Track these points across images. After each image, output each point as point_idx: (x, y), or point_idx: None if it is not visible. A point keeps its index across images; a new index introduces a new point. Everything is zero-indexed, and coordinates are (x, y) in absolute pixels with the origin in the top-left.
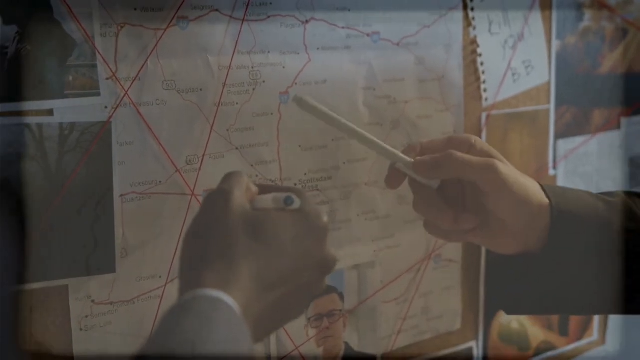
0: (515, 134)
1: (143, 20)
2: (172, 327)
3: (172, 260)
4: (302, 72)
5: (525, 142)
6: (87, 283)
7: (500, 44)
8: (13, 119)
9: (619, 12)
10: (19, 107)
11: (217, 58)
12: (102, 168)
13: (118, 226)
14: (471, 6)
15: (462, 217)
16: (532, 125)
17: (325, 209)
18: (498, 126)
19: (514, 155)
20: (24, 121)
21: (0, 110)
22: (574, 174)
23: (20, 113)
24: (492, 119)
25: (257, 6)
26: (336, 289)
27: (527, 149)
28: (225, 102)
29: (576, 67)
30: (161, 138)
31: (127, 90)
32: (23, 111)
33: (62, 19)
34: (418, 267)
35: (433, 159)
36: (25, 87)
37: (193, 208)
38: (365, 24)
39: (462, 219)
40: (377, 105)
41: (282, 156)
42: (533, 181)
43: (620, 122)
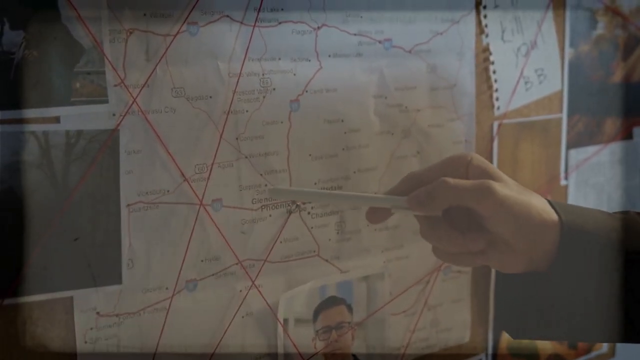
0: (527, 143)
1: (152, 25)
2: None
3: (179, 272)
4: (312, 80)
5: (536, 151)
6: (93, 294)
7: (513, 51)
8: (19, 126)
9: (632, 20)
10: (25, 114)
11: (227, 65)
12: (109, 177)
13: (125, 236)
14: (484, 13)
15: (469, 238)
16: (544, 134)
17: (334, 219)
18: (510, 135)
19: (525, 165)
20: (30, 128)
21: (6, 117)
22: (586, 185)
23: (26, 120)
24: (503, 128)
25: (268, 12)
26: (345, 301)
27: (539, 158)
28: (235, 109)
29: (589, 76)
30: (170, 146)
31: (135, 97)
32: (29, 118)
33: (69, 23)
34: (427, 278)
35: (426, 192)
36: (31, 93)
37: (201, 218)
38: (377, 31)
39: (469, 240)
40: (388, 113)
41: (292, 165)
42: (539, 197)
43: (632, 131)
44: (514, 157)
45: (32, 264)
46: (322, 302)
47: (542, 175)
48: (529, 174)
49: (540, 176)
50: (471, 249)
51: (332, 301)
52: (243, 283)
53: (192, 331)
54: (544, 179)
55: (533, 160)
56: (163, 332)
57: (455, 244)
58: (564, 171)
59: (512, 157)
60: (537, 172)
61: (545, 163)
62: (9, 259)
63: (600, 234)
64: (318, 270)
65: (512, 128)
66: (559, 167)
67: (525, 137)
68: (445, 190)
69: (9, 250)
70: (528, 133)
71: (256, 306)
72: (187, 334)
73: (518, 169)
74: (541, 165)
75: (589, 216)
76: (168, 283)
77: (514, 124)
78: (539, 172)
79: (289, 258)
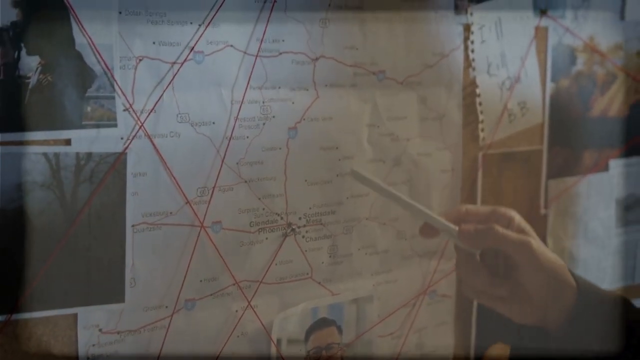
0: (510, 173)
1: (161, 53)
2: None
3: (180, 291)
4: (310, 108)
5: (518, 181)
6: (96, 312)
7: (498, 85)
8: (31, 148)
9: (610, 57)
10: (38, 136)
11: (230, 92)
12: (116, 198)
13: (128, 256)
14: (471, 48)
15: (496, 281)
16: (526, 165)
17: (328, 243)
18: (493, 165)
19: (507, 194)
20: (42, 150)
21: (20, 139)
22: (565, 214)
23: (38, 142)
24: (488, 158)
25: (270, 42)
26: (335, 323)
27: (521, 188)
28: (237, 135)
29: (569, 110)
30: (174, 170)
31: (142, 122)
32: (41, 140)
33: (83, 50)
34: (414, 302)
35: (477, 230)
36: (44, 116)
37: (201, 239)
38: (372, 63)
39: (496, 283)
40: (380, 142)
41: (289, 190)
42: (561, 261)
43: (609, 164)
44: (497, 186)
45: (39, 281)
46: (314, 323)
47: (524, 204)
48: (511, 203)
49: (522, 205)
50: (494, 292)
51: (323, 322)
52: (239, 303)
53: (189, 349)
54: (525, 207)
55: (515, 190)
56: (162, 350)
57: (483, 282)
58: (544, 201)
59: (496, 186)
60: (519, 201)
61: (526, 192)
62: (17, 276)
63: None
64: (311, 292)
65: (496, 158)
66: (540, 197)
67: (508, 167)
68: (494, 234)
69: (17, 267)
70: (511, 163)
71: (251, 326)
72: (185, 351)
73: (501, 198)
74: (523, 194)
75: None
76: (168, 302)
77: (498, 155)
78: (521, 201)
79: (283, 280)
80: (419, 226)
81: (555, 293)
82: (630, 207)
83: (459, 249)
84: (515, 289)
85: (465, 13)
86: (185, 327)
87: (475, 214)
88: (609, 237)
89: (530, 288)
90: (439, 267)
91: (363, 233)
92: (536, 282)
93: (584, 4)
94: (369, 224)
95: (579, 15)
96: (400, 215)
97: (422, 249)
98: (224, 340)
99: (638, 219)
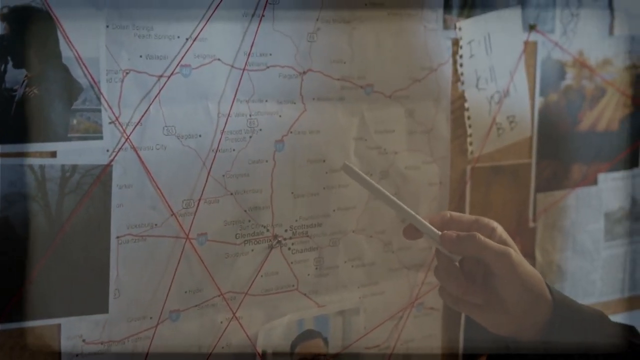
0: (498, 186)
1: (147, 67)
2: None
3: (164, 302)
4: (297, 121)
5: (507, 194)
6: (80, 322)
7: (487, 99)
8: (17, 160)
9: (598, 72)
10: (24, 149)
11: (217, 105)
12: (101, 210)
13: (113, 267)
14: (460, 62)
15: (473, 289)
16: (514, 178)
17: (314, 255)
18: (482, 179)
19: (496, 207)
20: (28, 162)
21: (6, 151)
22: (553, 227)
23: (24, 154)
24: (476, 172)
25: (257, 56)
26: (321, 334)
27: (509, 201)
28: (223, 148)
29: (557, 124)
30: (159, 182)
31: (129, 135)
32: (27, 152)
33: (69, 63)
34: (401, 314)
35: (459, 236)
36: (30, 129)
37: (187, 251)
38: (359, 77)
39: (473, 290)
40: (367, 155)
41: (275, 202)
42: (539, 275)
43: (597, 177)
44: (485, 199)
45: (23, 291)
46: (300, 335)
47: (512, 218)
48: (499, 216)
49: (510, 218)
50: (471, 299)
51: (309, 334)
52: (224, 314)
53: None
54: (514, 221)
55: (504, 203)
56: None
57: (460, 289)
58: (533, 214)
59: (484, 199)
60: (507, 214)
61: (515, 206)
62: (1, 286)
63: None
64: (296, 304)
65: (484, 172)
66: (528, 210)
67: (496, 180)
68: (475, 242)
69: (1, 277)
70: (499, 177)
71: (236, 337)
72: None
73: (489, 211)
74: (511, 207)
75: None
76: (152, 313)
77: (486, 168)
78: (509, 214)
79: (269, 291)
80: (403, 227)
81: (530, 305)
82: (619, 221)
83: (439, 254)
84: (492, 298)
85: (454, 28)
86: (170, 338)
87: (458, 221)
88: (597, 250)
89: (507, 298)
90: (426, 279)
91: (349, 245)
92: (512, 293)
93: (573, 19)
94: (355, 237)
95: (568, 30)
96: (387, 227)
97: (409, 261)
98: (208, 352)
99: (627, 232)
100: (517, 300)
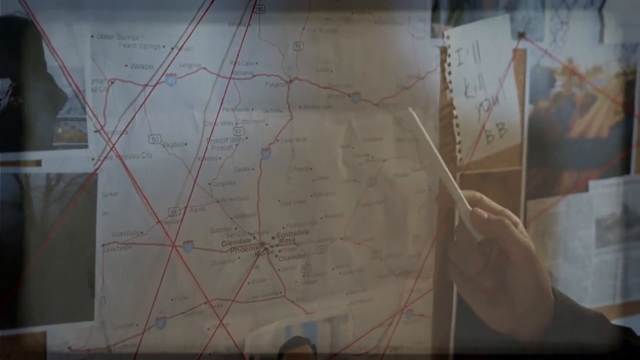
0: (488, 194)
1: (133, 76)
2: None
3: (150, 309)
4: (284, 129)
5: (497, 202)
6: (65, 330)
7: (476, 106)
8: (1, 169)
9: (588, 79)
10: (8, 157)
11: (202, 114)
12: (86, 218)
13: (98, 275)
14: (448, 70)
15: (486, 271)
16: (504, 185)
17: (301, 262)
18: (471, 186)
19: None
20: (13, 171)
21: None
22: (544, 234)
23: (9, 163)
24: (465, 179)
25: (243, 65)
26: (309, 341)
27: None
28: (209, 156)
29: (547, 131)
30: (145, 190)
31: (114, 143)
32: (12, 161)
33: (54, 73)
34: (390, 321)
35: (489, 218)
36: (15, 138)
37: (173, 259)
38: (346, 85)
39: (485, 273)
40: (355, 163)
41: (262, 210)
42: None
43: (588, 184)
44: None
45: (9, 299)
46: (287, 342)
47: None
48: None
49: None
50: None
51: (297, 341)
52: (211, 322)
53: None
54: None
55: None
56: None
57: (475, 268)
58: (523, 221)
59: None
60: None
61: None
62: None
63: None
64: (284, 310)
65: (474, 179)
66: (519, 217)
67: (486, 187)
68: (503, 227)
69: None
70: (489, 184)
71: (223, 345)
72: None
73: None
74: None
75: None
76: (139, 320)
77: (476, 175)
78: None
79: (256, 298)
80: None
81: (535, 302)
82: (611, 227)
83: (460, 231)
84: (501, 287)
85: (442, 36)
86: (156, 346)
87: (487, 206)
88: (589, 256)
89: (517, 291)
90: (415, 286)
91: (337, 252)
92: (524, 287)
93: (563, 27)
94: (343, 244)
95: (558, 37)
96: (376, 235)
97: (398, 268)
98: (195, 359)
99: (618, 238)
100: (526, 295)
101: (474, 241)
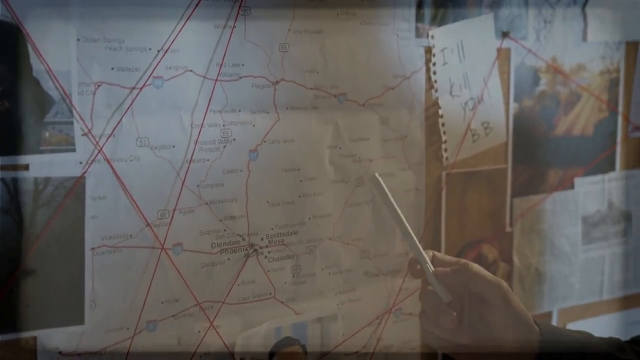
0: (474, 192)
1: (119, 79)
2: None
3: (140, 313)
4: (271, 131)
5: (483, 200)
6: (56, 334)
7: (461, 105)
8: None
9: (572, 77)
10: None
11: (190, 116)
12: (75, 222)
13: (88, 279)
14: (433, 70)
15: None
16: (490, 184)
17: (290, 263)
18: (457, 185)
19: (472, 213)
20: (0, 175)
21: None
22: (531, 231)
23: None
24: (451, 178)
25: (230, 67)
26: (299, 342)
27: (485, 207)
28: (197, 158)
29: (532, 129)
30: (133, 193)
31: (101, 147)
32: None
33: (40, 77)
34: (379, 320)
35: (452, 269)
36: (2, 142)
37: (162, 261)
38: (332, 86)
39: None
40: (342, 163)
41: (250, 211)
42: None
43: (574, 182)
44: (461, 205)
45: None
46: (278, 342)
47: (489, 223)
48: (476, 222)
49: (487, 223)
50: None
51: (287, 342)
52: (201, 324)
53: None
54: (491, 226)
55: (480, 208)
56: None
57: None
58: (510, 218)
59: (460, 205)
60: (484, 219)
61: (491, 211)
62: None
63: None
64: (274, 311)
65: (460, 177)
66: (505, 215)
67: (472, 186)
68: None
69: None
70: (475, 182)
71: (214, 346)
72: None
73: (466, 217)
74: (488, 213)
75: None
76: (129, 323)
77: (462, 174)
78: (486, 220)
79: (246, 300)
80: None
81: (520, 337)
82: (597, 224)
83: (426, 297)
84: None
85: (426, 36)
86: (147, 348)
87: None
88: (575, 253)
89: (498, 330)
90: (403, 285)
91: (326, 253)
92: (506, 325)
93: (546, 26)
94: (332, 244)
95: (541, 36)
96: (364, 235)
97: (386, 267)
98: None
99: (604, 235)
100: (510, 332)
101: (442, 303)
